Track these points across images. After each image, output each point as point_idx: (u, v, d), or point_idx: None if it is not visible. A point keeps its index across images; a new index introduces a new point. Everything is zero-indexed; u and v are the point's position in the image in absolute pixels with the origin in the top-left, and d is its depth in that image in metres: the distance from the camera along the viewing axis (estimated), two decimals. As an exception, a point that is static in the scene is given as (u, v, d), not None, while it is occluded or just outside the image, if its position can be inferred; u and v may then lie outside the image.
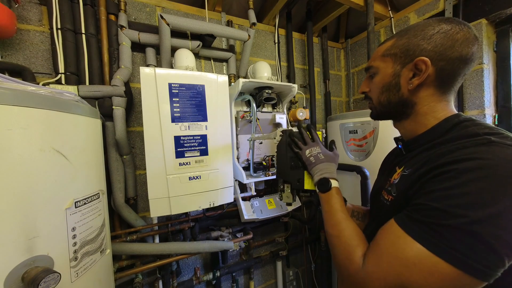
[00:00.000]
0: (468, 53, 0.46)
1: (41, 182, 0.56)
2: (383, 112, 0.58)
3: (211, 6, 1.48)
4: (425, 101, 0.51)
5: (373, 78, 0.58)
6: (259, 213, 1.29)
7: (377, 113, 0.60)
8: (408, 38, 0.50)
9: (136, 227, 1.20)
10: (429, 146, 0.49)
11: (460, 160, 0.38)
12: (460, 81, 0.50)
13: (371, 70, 0.58)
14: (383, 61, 0.55)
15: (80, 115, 0.72)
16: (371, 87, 0.59)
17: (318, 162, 0.67)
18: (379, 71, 0.56)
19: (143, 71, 0.96)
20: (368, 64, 0.59)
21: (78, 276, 0.65)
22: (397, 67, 0.52)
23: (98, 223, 0.75)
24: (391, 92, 0.54)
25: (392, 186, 0.52)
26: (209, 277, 1.42)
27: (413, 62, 0.49)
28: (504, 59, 1.27)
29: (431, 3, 1.43)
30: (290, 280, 1.78)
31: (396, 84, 0.53)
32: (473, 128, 0.43)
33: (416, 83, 0.49)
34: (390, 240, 0.41)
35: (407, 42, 0.50)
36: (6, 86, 0.56)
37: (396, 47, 0.52)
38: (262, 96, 1.28)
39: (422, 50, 0.48)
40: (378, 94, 0.57)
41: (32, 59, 1.07)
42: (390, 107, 0.55)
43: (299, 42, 1.91)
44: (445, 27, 0.47)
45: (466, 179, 0.35)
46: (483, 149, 0.38)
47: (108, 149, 1.13)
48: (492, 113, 1.28)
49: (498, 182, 0.34)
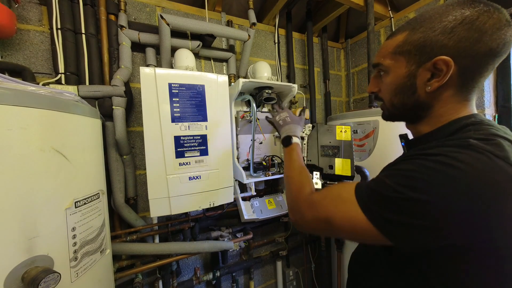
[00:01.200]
0: (499, 45, 0.40)
1: (41, 182, 0.56)
2: (396, 114, 0.53)
3: (211, 6, 1.48)
4: (444, 103, 0.46)
5: (382, 77, 0.52)
6: (259, 213, 1.29)
7: (390, 115, 0.55)
8: (424, 31, 0.43)
9: (136, 227, 1.20)
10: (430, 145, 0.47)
11: (431, 153, 0.39)
12: (487, 76, 0.45)
13: (380, 68, 0.52)
14: (394, 60, 0.48)
15: (80, 115, 0.72)
16: (382, 87, 0.53)
17: (284, 124, 0.85)
18: (390, 71, 0.50)
19: (143, 71, 0.96)
20: (377, 60, 0.52)
21: (78, 276, 0.65)
22: (411, 67, 0.46)
23: (98, 223, 0.75)
24: (405, 95, 0.48)
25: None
26: (209, 277, 1.42)
27: (432, 62, 0.42)
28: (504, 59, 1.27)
29: (431, 3, 1.43)
30: (290, 280, 1.77)
31: (411, 86, 0.47)
32: (470, 133, 0.41)
33: (436, 85, 0.44)
34: (340, 190, 0.49)
35: (423, 37, 0.43)
36: (6, 86, 0.56)
37: (409, 43, 0.45)
38: (262, 96, 1.28)
39: (442, 46, 0.41)
40: (390, 95, 0.51)
41: (32, 59, 1.07)
42: (404, 110, 0.50)
43: (299, 42, 1.91)
44: (469, 15, 0.39)
45: (423, 167, 0.38)
46: (457, 150, 0.37)
47: (108, 149, 1.13)
48: (492, 113, 1.28)
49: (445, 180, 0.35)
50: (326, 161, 0.79)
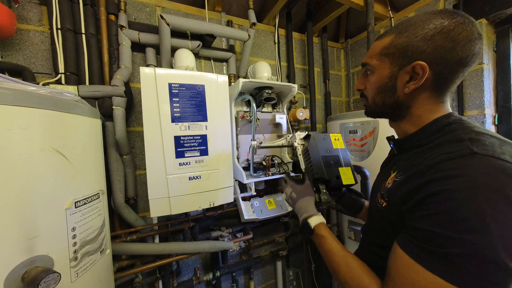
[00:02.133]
0: (468, 55, 0.44)
1: (41, 182, 0.56)
2: (377, 112, 0.57)
3: (211, 6, 1.48)
4: (421, 103, 0.50)
5: (368, 76, 0.56)
6: (259, 213, 1.29)
7: (371, 111, 0.59)
8: (408, 37, 0.47)
9: (136, 227, 1.20)
10: (420, 151, 0.49)
11: (448, 176, 0.38)
12: (458, 82, 0.49)
13: (368, 67, 0.55)
14: (380, 60, 0.52)
15: (80, 115, 0.72)
16: (367, 85, 0.57)
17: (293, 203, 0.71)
18: (375, 70, 0.53)
19: (143, 71, 0.96)
20: (365, 60, 0.56)
21: (78, 276, 0.65)
22: (394, 68, 0.49)
23: (98, 223, 0.75)
24: (387, 94, 0.52)
25: (385, 191, 0.52)
26: (209, 277, 1.42)
27: (411, 66, 0.46)
28: (504, 59, 1.27)
29: (431, 3, 1.43)
30: (290, 280, 1.77)
31: (392, 87, 0.51)
32: (459, 132, 0.43)
33: (412, 87, 0.48)
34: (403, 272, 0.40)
35: (406, 41, 0.47)
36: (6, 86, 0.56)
37: (394, 46, 0.49)
38: (262, 96, 1.28)
39: (421, 52, 0.45)
40: (373, 94, 0.55)
41: (32, 59, 1.07)
42: (384, 108, 0.54)
43: (299, 42, 1.91)
44: (447, 25, 0.43)
45: (460, 201, 0.35)
46: (468, 162, 0.38)
47: (108, 149, 1.13)
48: (492, 113, 1.28)
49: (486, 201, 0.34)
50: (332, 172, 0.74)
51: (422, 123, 0.51)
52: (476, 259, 0.34)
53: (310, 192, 0.71)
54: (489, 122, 1.26)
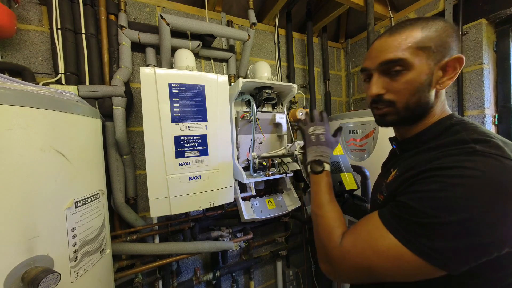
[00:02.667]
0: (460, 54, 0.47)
1: (41, 182, 0.56)
2: (407, 117, 0.50)
3: (211, 6, 1.48)
4: (439, 102, 0.49)
5: (399, 75, 0.47)
6: (259, 213, 1.29)
7: (398, 120, 0.50)
8: (437, 32, 0.44)
9: (136, 227, 1.20)
10: (422, 150, 0.48)
11: (445, 167, 0.39)
12: None
13: (398, 66, 0.46)
14: (416, 55, 0.45)
15: (80, 115, 0.72)
16: (394, 87, 0.48)
17: (316, 143, 0.68)
18: (412, 67, 0.45)
19: (143, 71, 0.96)
20: (390, 56, 0.46)
21: (78, 276, 0.65)
22: (430, 63, 0.45)
23: (98, 223, 0.75)
24: (423, 94, 0.46)
25: (385, 186, 0.53)
26: (209, 277, 1.42)
27: (447, 60, 0.45)
28: (504, 59, 1.27)
29: (431, 3, 1.43)
30: (290, 280, 1.77)
31: (429, 84, 0.46)
32: (463, 134, 0.43)
33: (447, 83, 0.46)
34: (368, 228, 0.44)
35: (438, 36, 0.44)
36: (6, 86, 0.56)
37: (430, 40, 0.44)
38: (262, 96, 1.28)
39: (451, 48, 0.45)
40: (408, 95, 0.47)
41: (32, 59, 1.07)
42: (416, 110, 0.48)
43: (299, 42, 1.91)
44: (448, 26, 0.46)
45: (446, 185, 0.37)
46: (467, 158, 0.38)
47: (108, 149, 1.13)
48: (492, 113, 1.28)
49: (473, 191, 0.35)
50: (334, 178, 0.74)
51: (428, 122, 0.50)
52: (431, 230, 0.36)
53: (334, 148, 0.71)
54: (489, 122, 1.26)
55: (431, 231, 0.36)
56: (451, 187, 0.36)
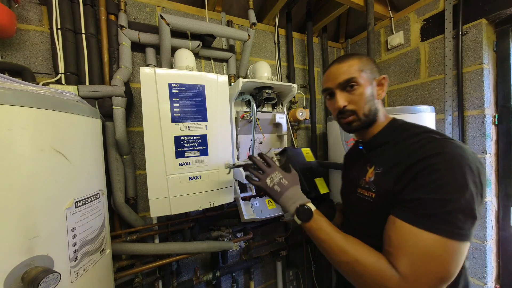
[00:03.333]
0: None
1: (41, 182, 0.56)
2: (365, 122, 0.63)
3: (211, 6, 1.48)
4: (381, 107, 0.65)
5: (354, 90, 0.61)
6: (259, 213, 1.29)
7: (360, 125, 0.64)
8: (368, 61, 0.63)
9: (136, 227, 1.20)
10: (388, 146, 0.60)
11: (432, 155, 0.48)
12: None
13: (352, 83, 0.61)
14: (360, 75, 0.61)
15: (80, 115, 0.72)
16: (353, 99, 0.62)
17: (284, 190, 0.64)
18: (361, 83, 0.61)
19: (143, 71, 0.96)
20: (346, 77, 0.61)
21: (78, 276, 0.65)
22: (370, 80, 0.62)
23: (98, 223, 0.75)
24: (372, 102, 0.62)
25: (370, 184, 0.59)
26: (209, 277, 1.42)
27: (380, 78, 0.64)
28: (504, 59, 1.27)
29: (431, 3, 1.43)
30: (290, 280, 1.77)
31: (373, 95, 0.62)
32: (413, 129, 0.58)
33: (383, 95, 0.64)
34: (410, 242, 0.45)
35: (369, 63, 0.63)
36: (6, 86, 0.56)
37: (365, 64, 0.62)
38: (262, 96, 1.28)
39: (376, 71, 0.64)
40: (363, 104, 0.61)
41: (32, 59, 1.07)
42: (370, 116, 0.63)
43: (299, 42, 1.91)
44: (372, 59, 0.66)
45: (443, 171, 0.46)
46: (442, 144, 0.49)
47: (108, 149, 1.13)
48: (492, 113, 1.28)
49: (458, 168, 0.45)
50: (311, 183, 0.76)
51: (380, 126, 0.65)
52: (462, 214, 0.43)
53: (298, 182, 0.68)
54: (489, 122, 1.26)
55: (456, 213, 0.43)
56: (446, 170, 0.45)
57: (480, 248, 1.29)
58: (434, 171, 0.46)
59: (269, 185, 0.66)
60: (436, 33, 1.43)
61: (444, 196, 0.44)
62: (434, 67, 1.46)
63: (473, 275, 1.33)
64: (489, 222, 1.27)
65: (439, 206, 0.44)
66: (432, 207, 0.44)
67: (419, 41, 1.53)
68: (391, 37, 1.68)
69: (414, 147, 0.52)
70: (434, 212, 0.44)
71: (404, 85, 1.63)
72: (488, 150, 1.26)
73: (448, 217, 0.43)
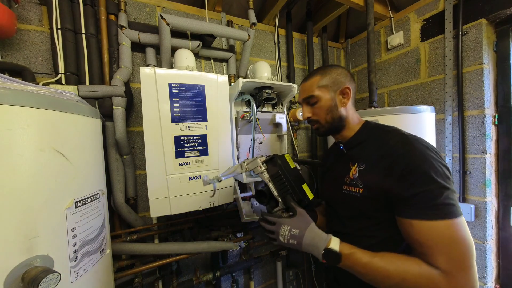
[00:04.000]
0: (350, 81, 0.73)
1: (41, 182, 0.56)
2: (330, 128, 0.74)
3: (211, 6, 1.48)
4: (349, 112, 0.74)
5: (315, 104, 0.73)
6: (259, 213, 1.29)
7: (325, 130, 0.75)
8: (330, 75, 0.72)
9: (136, 227, 1.20)
10: (365, 145, 0.69)
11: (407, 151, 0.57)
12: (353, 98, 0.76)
13: (313, 99, 0.73)
14: (320, 91, 0.72)
15: (80, 115, 0.72)
16: (314, 112, 0.74)
17: (300, 240, 0.60)
18: (320, 98, 0.72)
19: (143, 71, 0.96)
20: (307, 94, 0.74)
21: (78, 276, 0.65)
22: (332, 93, 0.72)
23: (98, 223, 0.75)
24: (333, 111, 0.72)
25: (356, 180, 0.65)
26: (209, 277, 1.42)
27: (342, 89, 0.71)
28: (504, 59, 1.27)
29: (431, 3, 1.43)
30: (290, 280, 1.77)
31: (335, 105, 0.72)
32: (384, 129, 0.69)
33: (347, 102, 0.72)
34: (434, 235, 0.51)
35: (330, 77, 0.72)
36: (6, 86, 0.56)
37: (326, 80, 0.72)
38: (262, 96, 1.28)
39: (343, 82, 0.72)
40: (324, 115, 0.72)
41: (32, 59, 1.07)
42: (334, 122, 0.73)
43: (299, 42, 1.91)
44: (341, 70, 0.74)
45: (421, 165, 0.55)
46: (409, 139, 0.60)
47: (108, 149, 1.13)
48: (492, 113, 1.28)
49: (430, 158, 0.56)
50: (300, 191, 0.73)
51: (354, 127, 0.74)
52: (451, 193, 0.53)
53: (308, 219, 0.64)
54: (489, 122, 1.26)
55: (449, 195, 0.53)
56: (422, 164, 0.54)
57: (480, 248, 1.29)
58: (415, 168, 0.54)
59: (285, 242, 0.62)
60: (436, 33, 1.43)
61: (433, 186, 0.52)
62: (434, 67, 1.46)
63: (473, 275, 1.33)
64: (489, 222, 1.27)
65: (435, 195, 0.52)
66: (431, 198, 0.52)
67: (419, 41, 1.53)
68: (391, 37, 1.68)
69: (391, 142, 0.62)
70: (435, 202, 0.52)
71: (404, 85, 1.63)
72: (488, 150, 1.26)
73: (447, 200, 0.52)
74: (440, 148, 1.41)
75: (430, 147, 0.58)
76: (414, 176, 0.54)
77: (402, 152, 0.58)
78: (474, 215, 1.30)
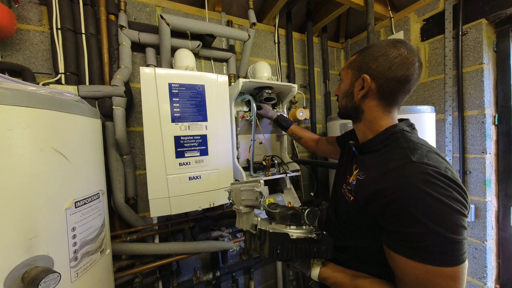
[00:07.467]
0: (402, 75, 0.55)
1: (41, 182, 0.56)
2: (343, 113, 0.70)
3: (211, 6, 1.48)
4: (371, 110, 0.61)
5: (340, 84, 0.70)
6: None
7: (340, 113, 0.71)
8: (364, 56, 0.61)
9: (136, 227, 1.20)
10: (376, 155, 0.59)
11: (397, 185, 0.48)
12: (403, 97, 0.59)
13: (340, 77, 0.70)
14: (346, 72, 0.66)
15: (80, 115, 0.72)
16: (338, 88, 0.71)
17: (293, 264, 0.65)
18: (343, 80, 0.67)
19: (143, 71, 0.96)
20: (340, 71, 0.71)
21: (78, 276, 0.65)
22: (353, 78, 0.63)
23: (98, 223, 0.75)
24: (348, 98, 0.65)
25: (351, 186, 0.62)
26: (209, 277, 1.42)
27: (361, 77, 0.59)
28: (504, 59, 1.27)
29: (431, 3, 1.43)
30: (290, 280, 1.77)
31: (351, 93, 0.64)
32: (401, 141, 0.55)
33: (361, 94, 0.60)
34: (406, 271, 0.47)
35: (361, 59, 0.61)
36: (6, 86, 0.56)
37: (355, 62, 0.63)
38: (262, 96, 1.28)
39: (368, 68, 0.58)
40: (341, 98, 0.69)
41: (32, 59, 1.07)
42: (347, 110, 0.67)
43: (299, 42, 1.91)
44: (389, 50, 0.56)
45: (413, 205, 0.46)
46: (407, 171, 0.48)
47: (108, 149, 1.13)
48: (492, 113, 1.28)
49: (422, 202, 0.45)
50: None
51: (373, 129, 0.62)
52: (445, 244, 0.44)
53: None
54: (489, 122, 1.26)
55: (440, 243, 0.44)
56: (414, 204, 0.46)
57: (480, 248, 1.29)
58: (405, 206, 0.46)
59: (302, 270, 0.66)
60: (436, 33, 1.43)
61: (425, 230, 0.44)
62: (434, 67, 1.46)
63: (473, 275, 1.33)
64: (489, 222, 1.27)
65: (420, 239, 0.45)
66: (414, 240, 0.46)
67: (419, 41, 1.53)
68: (391, 37, 1.68)
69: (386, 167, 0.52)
70: (419, 245, 0.45)
71: (404, 85, 1.63)
72: (488, 150, 1.26)
73: (433, 248, 0.44)
74: (440, 148, 1.41)
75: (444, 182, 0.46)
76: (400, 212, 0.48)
77: (392, 183, 0.49)
78: (474, 215, 1.30)
